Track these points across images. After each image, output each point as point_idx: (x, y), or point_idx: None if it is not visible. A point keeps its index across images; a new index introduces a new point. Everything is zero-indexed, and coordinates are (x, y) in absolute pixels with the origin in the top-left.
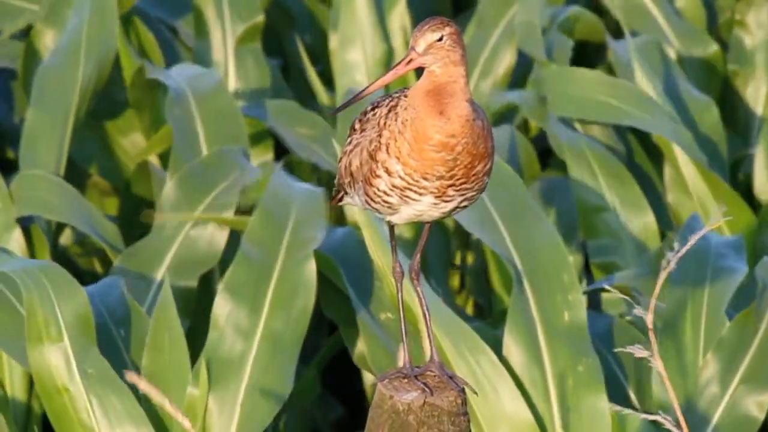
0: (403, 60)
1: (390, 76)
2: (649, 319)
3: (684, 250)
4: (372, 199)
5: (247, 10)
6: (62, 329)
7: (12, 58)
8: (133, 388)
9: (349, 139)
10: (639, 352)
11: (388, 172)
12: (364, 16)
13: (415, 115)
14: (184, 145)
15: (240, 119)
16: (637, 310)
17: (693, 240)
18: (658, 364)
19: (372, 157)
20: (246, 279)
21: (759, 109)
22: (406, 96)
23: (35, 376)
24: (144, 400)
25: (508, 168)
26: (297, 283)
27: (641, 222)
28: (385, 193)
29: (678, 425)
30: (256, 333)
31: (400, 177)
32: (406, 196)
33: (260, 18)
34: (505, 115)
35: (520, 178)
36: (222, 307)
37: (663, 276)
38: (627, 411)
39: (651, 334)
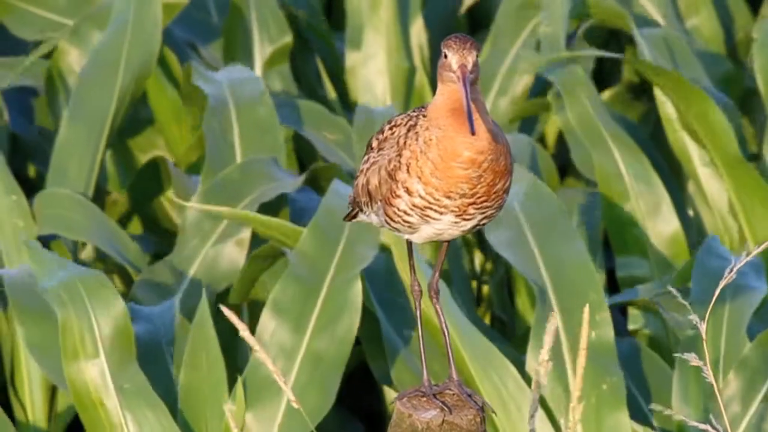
0: (460, 79)
1: (462, 95)
2: (702, 328)
3: (750, 256)
4: (392, 219)
5: (276, 31)
6: (98, 344)
7: (34, 75)
8: (169, 404)
9: (366, 158)
10: (695, 360)
11: (408, 191)
12: (385, 33)
13: (442, 134)
14: (218, 155)
15: (278, 130)
16: (692, 317)
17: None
18: (708, 374)
19: (391, 176)
20: (292, 297)
21: None
22: (425, 116)
23: (71, 388)
24: (179, 416)
25: (543, 185)
26: (343, 304)
27: (669, 234)
28: (405, 212)
29: None
30: (298, 352)
31: (421, 196)
32: (427, 216)
33: (288, 39)
34: (524, 128)
35: (555, 195)
36: (267, 324)
37: (721, 285)
38: (677, 415)
39: (704, 345)
